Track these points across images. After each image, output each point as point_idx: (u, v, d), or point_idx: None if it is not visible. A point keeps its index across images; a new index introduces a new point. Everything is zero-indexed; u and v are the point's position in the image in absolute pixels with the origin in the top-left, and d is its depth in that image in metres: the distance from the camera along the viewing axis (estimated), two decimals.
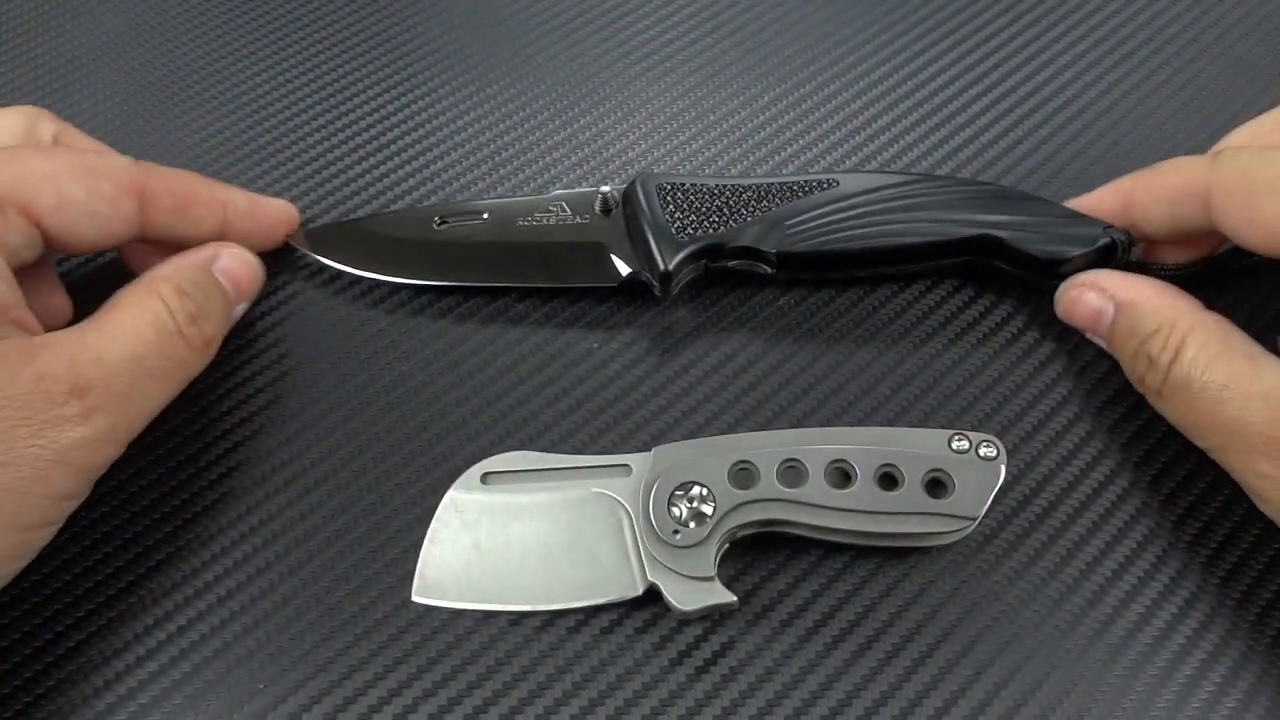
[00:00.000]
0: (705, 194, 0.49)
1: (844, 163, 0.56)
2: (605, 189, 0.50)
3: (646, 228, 0.48)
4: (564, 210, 0.50)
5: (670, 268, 0.47)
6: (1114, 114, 0.58)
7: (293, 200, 0.55)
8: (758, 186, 0.49)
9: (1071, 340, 0.48)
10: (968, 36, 0.62)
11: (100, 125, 0.58)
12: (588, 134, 0.58)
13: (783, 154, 0.57)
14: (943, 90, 0.59)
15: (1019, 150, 0.56)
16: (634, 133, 0.58)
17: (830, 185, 0.49)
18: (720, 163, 0.56)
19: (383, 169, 0.56)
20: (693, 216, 0.48)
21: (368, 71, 0.61)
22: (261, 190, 0.55)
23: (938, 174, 0.50)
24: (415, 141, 0.58)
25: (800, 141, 0.57)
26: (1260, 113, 0.47)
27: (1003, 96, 0.59)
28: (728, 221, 0.48)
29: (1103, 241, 0.46)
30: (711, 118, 0.59)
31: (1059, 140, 0.57)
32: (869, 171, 0.53)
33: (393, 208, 0.55)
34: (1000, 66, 0.61)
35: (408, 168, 0.56)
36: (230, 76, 0.61)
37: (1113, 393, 0.47)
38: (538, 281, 0.50)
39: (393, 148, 0.57)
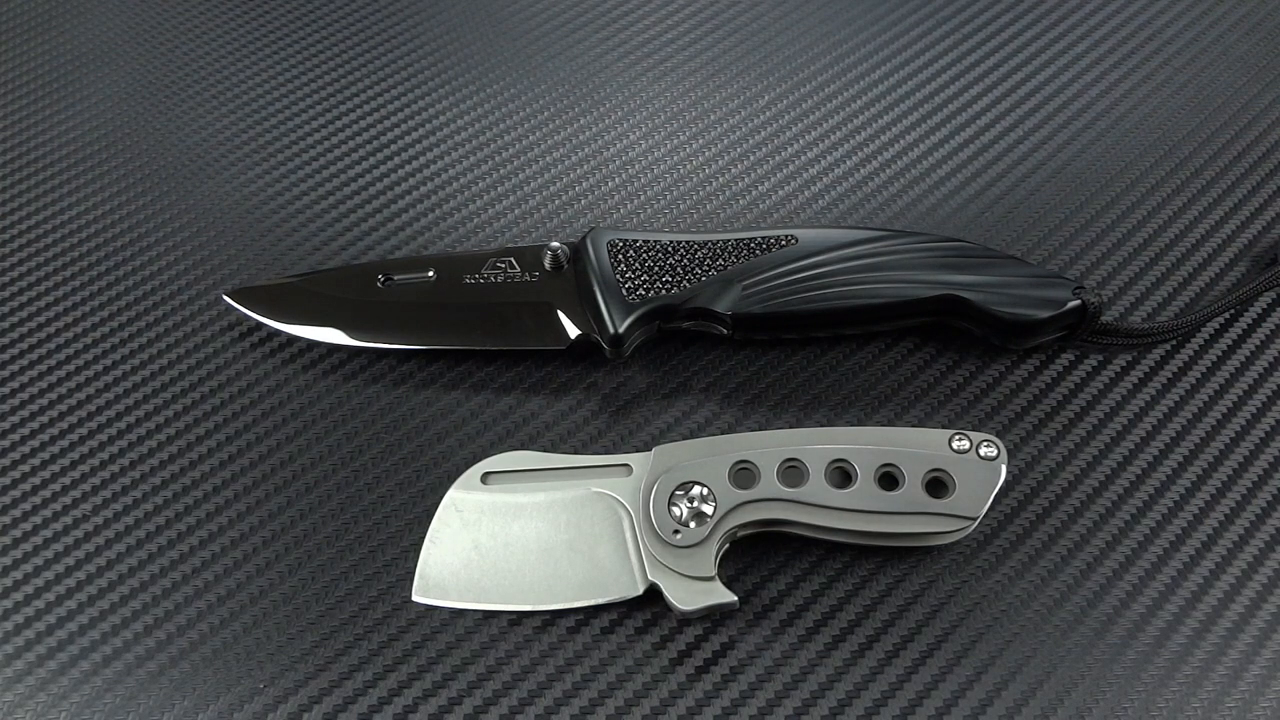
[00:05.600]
0: (659, 251, 0.47)
1: (844, 162, 0.56)
2: (555, 245, 0.48)
3: (597, 288, 0.46)
4: (513, 267, 0.48)
5: (621, 330, 0.45)
6: (1114, 114, 0.58)
7: (293, 199, 0.55)
8: (713, 243, 0.47)
9: (1071, 342, 0.48)
10: (967, 37, 0.62)
11: (100, 125, 0.59)
12: (588, 134, 0.58)
13: (782, 154, 0.57)
14: (942, 90, 0.59)
15: (1019, 150, 0.56)
16: (634, 133, 0.58)
17: (789, 242, 0.47)
18: (719, 164, 0.56)
19: (382, 169, 0.56)
20: (645, 276, 0.46)
21: (368, 71, 0.61)
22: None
23: (900, 229, 0.49)
24: (415, 141, 0.58)
25: (800, 142, 0.57)
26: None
27: (1003, 96, 0.59)
28: (681, 281, 0.46)
29: (1072, 303, 0.45)
30: (711, 118, 0.59)
31: (1059, 140, 0.57)
32: (829, 227, 0.50)
33: (391, 213, 0.55)
34: (1000, 67, 0.61)
35: (408, 167, 0.56)
36: (230, 76, 0.61)
37: (1112, 393, 0.47)
38: (483, 344, 0.48)
39: (393, 148, 0.57)
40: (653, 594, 0.40)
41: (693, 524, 0.40)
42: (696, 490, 0.41)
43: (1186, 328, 0.48)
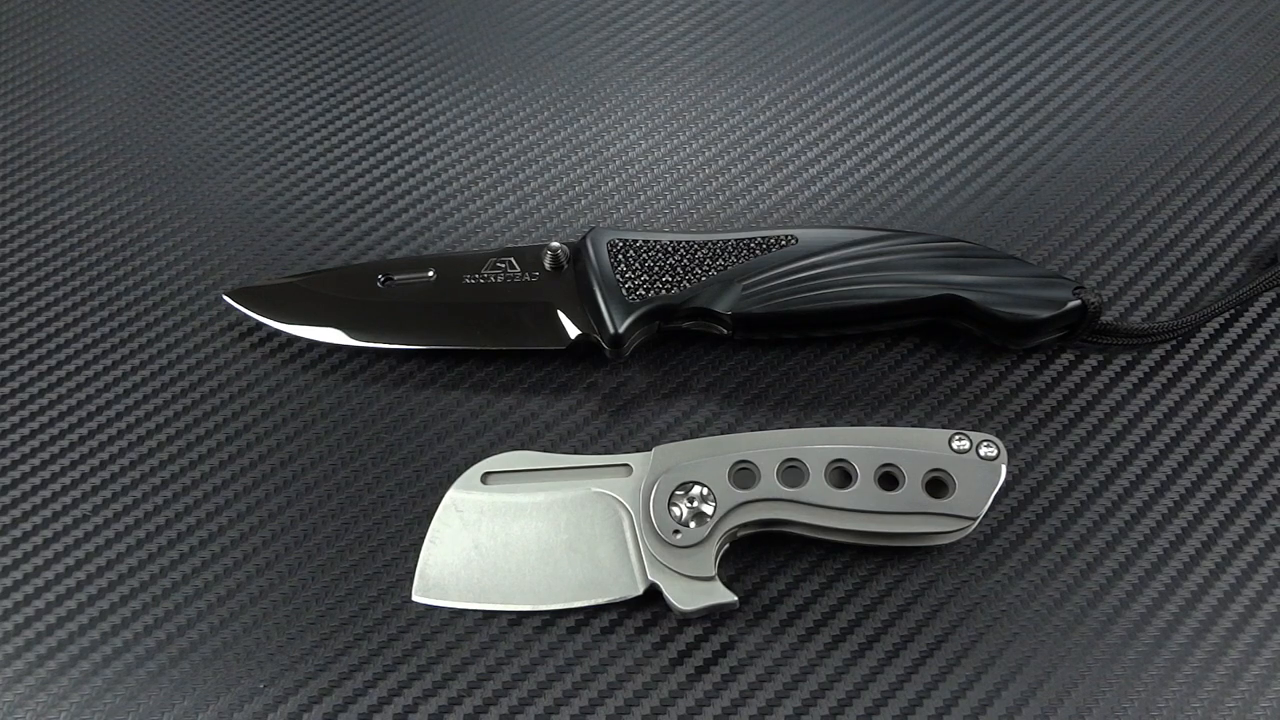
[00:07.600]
0: (659, 251, 0.47)
1: (844, 162, 0.56)
2: (555, 245, 0.48)
3: (597, 287, 0.46)
4: (513, 267, 0.48)
5: (621, 330, 0.45)
6: (1114, 114, 0.58)
7: (293, 199, 0.55)
8: (713, 243, 0.47)
9: (1071, 342, 0.48)
10: (968, 37, 0.62)
11: (100, 125, 0.59)
12: (588, 134, 0.58)
13: (782, 154, 0.57)
14: (942, 90, 0.59)
15: (1018, 151, 0.56)
16: (634, 133, 0.58)
17: (789, 242, 0.47)
18: (719, 164, 0.56)
19: (382, 169, 0.56)
20: (645, 276, 0.46)
21: (368, 71, 0.61)
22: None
23: (901, 229, 0.49)
24: (415, 141, 0.58)
25: (800, 142, 0.57)
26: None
27: (1003, 96, 0.59)
28: (682, 281, 0.46)
29: (1072, 304, 0.45)
30: (711, 118, 0.59)
31: (1059, 140, 0.57)
32: (829, 227, 0.50)
33: (386, 214, 0.55)
34: (1000, 67, 0.61)
35: (408, 167, 0.56)
36: (230, 76, 0.61)
37: (1112, 393, 0.47)
38: (483, 344, 0.48)
39: (392, 148, 0.57)
40: (653, 594, 0.40)
41: (693, 524, 0.40)
42: (696, 490, 0.41)
43: (1186, 328, 0.48)
